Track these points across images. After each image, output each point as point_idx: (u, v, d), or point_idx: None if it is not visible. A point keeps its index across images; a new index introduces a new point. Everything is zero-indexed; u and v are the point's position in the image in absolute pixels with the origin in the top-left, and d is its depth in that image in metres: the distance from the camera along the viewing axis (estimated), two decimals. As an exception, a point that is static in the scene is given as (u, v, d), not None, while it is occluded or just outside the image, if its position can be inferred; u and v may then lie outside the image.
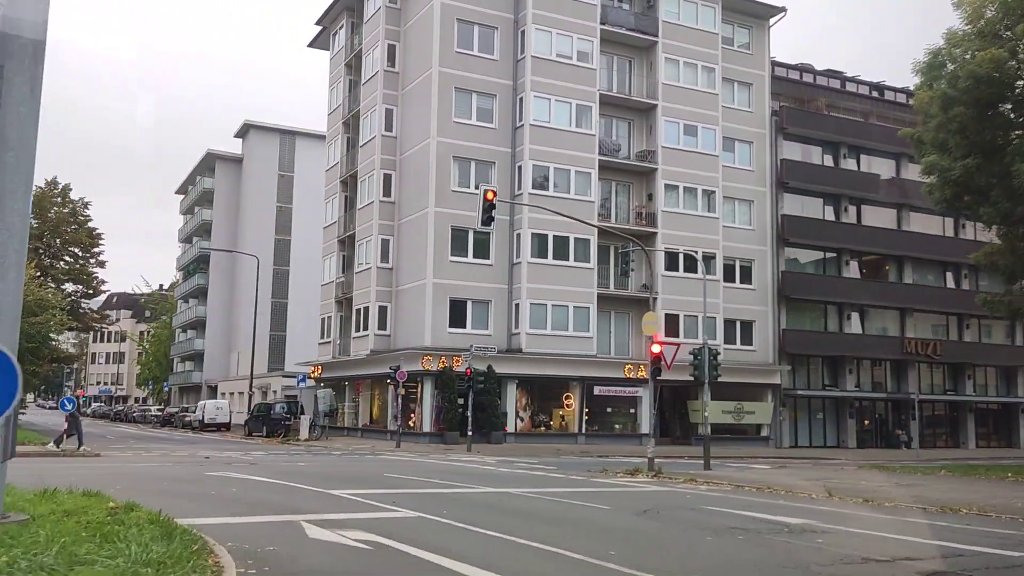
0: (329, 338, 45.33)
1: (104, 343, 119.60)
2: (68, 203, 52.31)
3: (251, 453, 28.70)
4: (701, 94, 42.99)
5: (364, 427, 42.11)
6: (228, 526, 10.51)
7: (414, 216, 38.77)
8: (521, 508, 13.37)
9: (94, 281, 53.93)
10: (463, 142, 38.35)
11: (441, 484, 17.28)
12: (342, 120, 45.90)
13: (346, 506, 12.96)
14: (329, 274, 46.24)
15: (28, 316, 40.34)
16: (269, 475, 18.19)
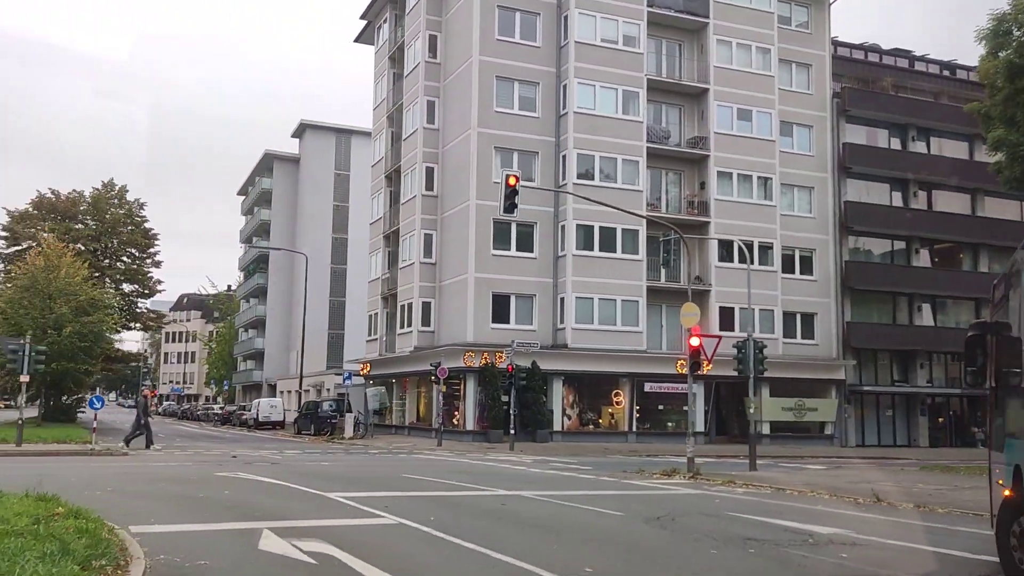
0: (376, 335, 44.88)
1: (175, 343, 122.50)
2: (124, 204, 53.08)
3: (284, 452, 28.23)
4: (756, 76, 41.06)
5: (411, 425, 41.46)
6: (179, 535, 9.72)
7: (456, 210, 37.92)
8: (521, 514, 12.27)
9: (150, 281, 54.66)
10: (505, 132, 37.34)
11: (454, 486, 16.29)
12: (386, 114, 45.36)
13: (330, 511, 12.07)
14: (375, 270, 45.80)
15: (82, 316, 40.96)
16: (280, 476, 17.46)
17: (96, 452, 24.89)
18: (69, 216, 51.58)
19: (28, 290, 41.01)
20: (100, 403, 28.35)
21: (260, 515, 11.30)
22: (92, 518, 9.46)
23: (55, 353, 39.76)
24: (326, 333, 68.89)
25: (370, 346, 46.19)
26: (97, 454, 24.61)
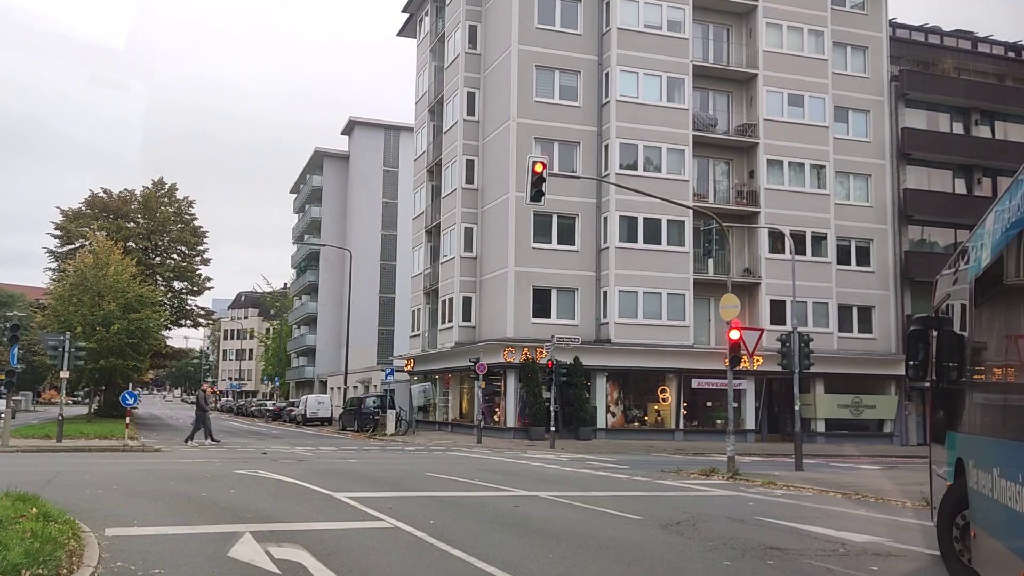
0: (419, 331, 44.47)
1: (233, 340, 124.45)
2: (174, 202, 53.66)
3: (320, 448, 27.90)
4: (808, 60, 39.46)
5: (454, 422, 40.93)
6: (153, 538, 9.18)
7: (496, 202, 37.22)
8: (530, 517, 11.48)
9: (199, 278, 55.18)
10: (545, 122, 36.49)
11: (473, 486, 15.58)
12: (428, 107, 44.87)
13: (328, 513, 11.44)
14: (418, 266, 45.38)
15: (130, 313, 41.38)
16: (299, 474, 16.97)
17: (129, 448, 24.83)
18: (121, 215, 52.32)
19: (78, 287, 41.60)
20: (133, 399, 28.30)
21: (252, 517, 10.74)
22: (64, 520, 8.99)
23: (104, 350, 40.35)
24: (376, 329, 68.97)
25: (413, 342, 45.84)
26: (130, 450, 24.56)
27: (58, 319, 41.16)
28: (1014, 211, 5.83)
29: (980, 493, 6.74)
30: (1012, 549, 5.67)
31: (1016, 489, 5.41)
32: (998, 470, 5.98)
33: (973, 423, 7.30)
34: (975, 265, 7.25)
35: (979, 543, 6.97)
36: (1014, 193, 5.96)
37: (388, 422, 37.93)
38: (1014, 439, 5.63)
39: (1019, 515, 5.35)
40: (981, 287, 6.97)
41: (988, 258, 6.67)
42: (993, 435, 6.34)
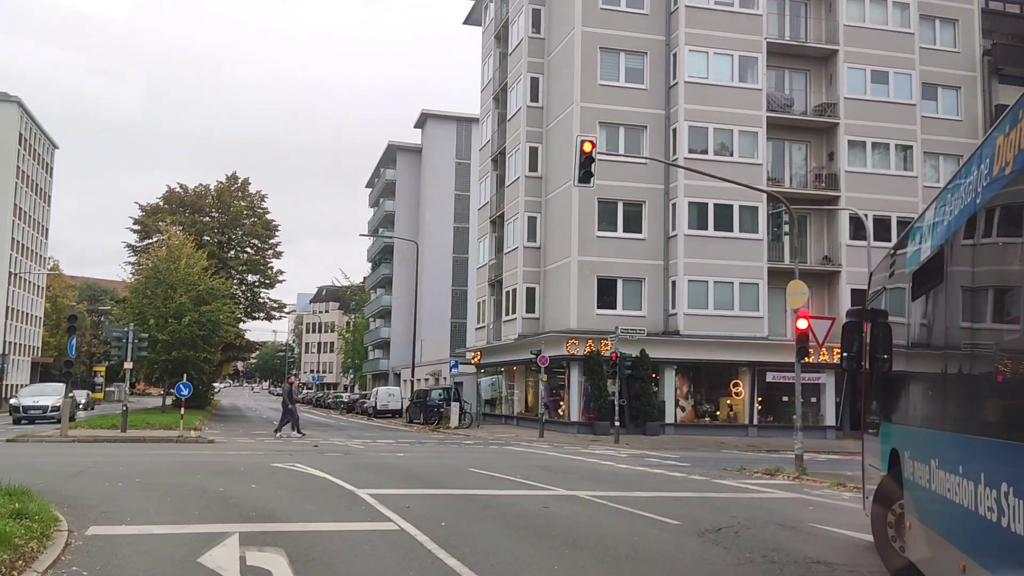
0: (484, 323, 43.78)
1: (314, 333, 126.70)
2: (247, 196, 54.28)
3: (376, 441, 27.43)
4: (892, 35, 37.12)
5: (519, 415, 40.12)
6: (134, 538, 8.60)
7: (559, 190, 36.15)
8: (555, 521, 10.50)
9: (271, 271, 55.74)
10: (610, 106, 35.25)
11: (510, 483, 14.68)
12: (492, 95, 44.09)
13: (336, 513, 10.72)
14: (483, 257, 44.69)
15: (200, 305, 41.88)
16: (335, 469, 16.35)
17: (184, 439, 24.79)
18: (196, 209, 53.22)
19: (152, 281, 42.32)
20: (188, 390, 28.39)
21: (254, 516, 10.08)
22: (42, 518, 8.46)
23: (176, 342, 40.92)
24: (448, 322, 68.74)
25: (479, 334, 45.21)
26: (184, 441, 24.50)
27: (133, 312, 41.95)
28: (955, 205, 5.78)
29: (917, 484, 6.72)
30: (951, 540, 5.59)
31: (956, 481, 5.35)
32: (936, 462, 5.97)
33: (909, 415, 7.32)
34: (913, 259, 7.24)
35: (915, 534, 6.91)
36: (954, 188, 5.89)
37: (452, 415, 37.35)
38: (955, 431, 5.56)
39: (959, 507, 5.28)
40: (919, 281, 6.95)
41: (927, 253, 6.64)
42: (933, 427, 6.25)
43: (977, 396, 5.21)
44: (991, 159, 4.95)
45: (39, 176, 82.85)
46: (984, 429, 4.92)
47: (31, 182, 79.83)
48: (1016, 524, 4.18)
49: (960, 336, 5.57)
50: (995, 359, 4.88)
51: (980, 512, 4.79)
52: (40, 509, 8.87)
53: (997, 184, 4.80)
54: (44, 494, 11.38)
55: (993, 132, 5.00)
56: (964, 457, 5.27)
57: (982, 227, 5.11)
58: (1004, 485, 4.39)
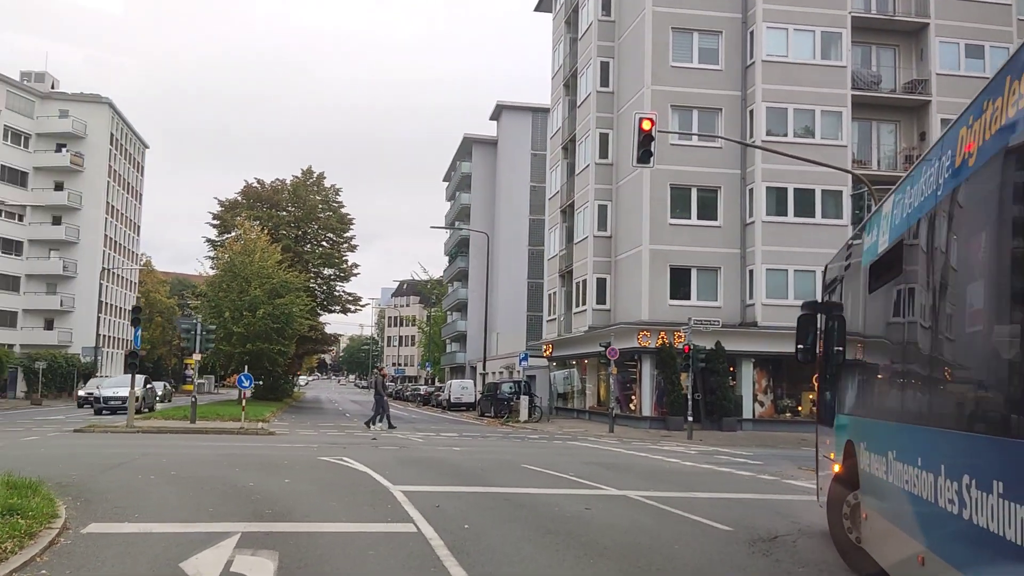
0: (555, 315, 42.86)
1: (396, 327, 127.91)
2: (322, 190, 54.67)
3: (439, 435, 26.89)
4: (987, 6, 34.64)
5: (591, 409, 39.10)
6: (126, 537, 8.09)
7: (630, 177, 34.93)
8: (589, 525, 9.59)
9: (345, 264, 56.04)
10: (683, 88, 33.85)
11: (558, 481, 13.80)
12: (563, 82, 43.07)
13: (358, 511, 10.05)
14: (553, 247, 43.76)
15: (274, 298, 42.24)
16: (380, 463, 15.79)
17: (244, 431, 24.71)
18: (272, 204, 53.85)
19: (227, 274, 42.91)
20: (249, 381, 28.38)
21: (268, 514, 9.50)
22: (34, 515, 8.01)
23: (251, 334, 41.38)
24: (524, 315, 67.96)
25: (549, 326, 44.35)
26: (245, 432, 24.41)
27: (210, 305, 42.61)
28: (915, 197, 5.70)
29: (873, 476, 6.71)
30: (909, 532, 5.56)
31: (915, 473, 5.34)
32: (894, 453, 5.96)
33: (865, 407, 7.32)
34: (870, 251, 7.17)
35: (871, 524, 6.89)
36: (915, 180, 5.78)
37: (521, 409, 36.62)
38: (914, 423, 5.51)
39: (918, 499, 5.26)
40: (876, 273, 6.90)
41: (885, 245, 6.58)
42: (890, 419, 6.21)
43: (936, 389, 5.15)
44: (953, 151, 4.85)
45: (130, 175, 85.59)
46: (944, 421, 4.86)
47: (123, 181, 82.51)
48: (978, 516, 4.13)
49: (918, 329, 5.52)
50: (955, 352, 4.86)
51: (940, 504, 4.73)
52: (40, 505, 8.45)
53: (959, 176, 4.72)
54: (69, 487, 11.15)
55: (956, 124, 4.88)
56: (923, 449, 5.23)
57: (943, 220, 5.04)
58: (966, 477, 4.33)
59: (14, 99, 71.47)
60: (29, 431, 24.30)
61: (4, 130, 70.05)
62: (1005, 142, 4.03)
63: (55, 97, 75.00)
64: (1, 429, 24.90)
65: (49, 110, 73.95)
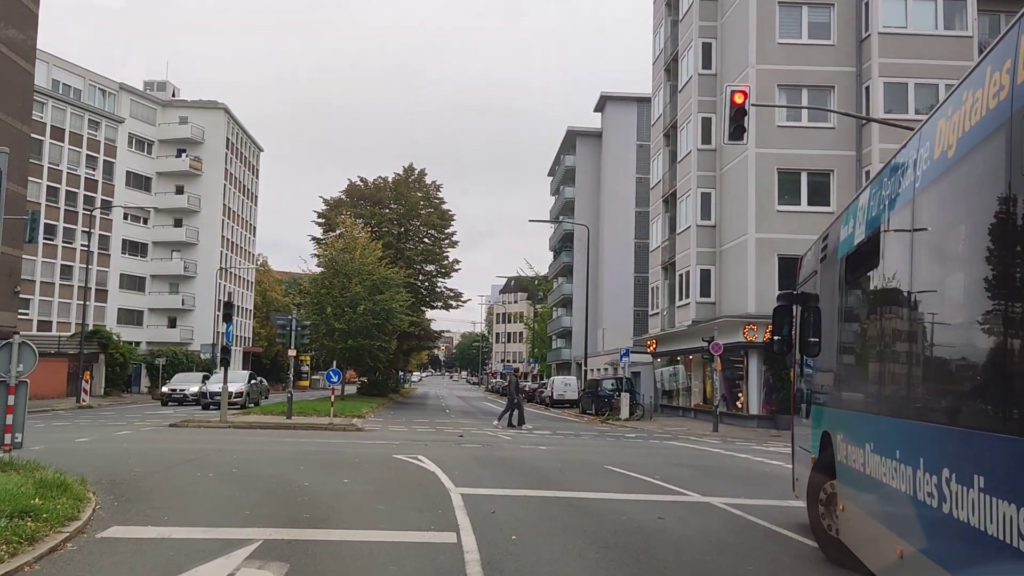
0: (658, 309, 41.31)
1: (504, 324, 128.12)
2: (423, 187, 54.69)
3: (533, 433, 25.98)
4: None
5: (696, 407, 37.41)
6: (140, 543, 7.53)
7: (734, 162, 33.12)
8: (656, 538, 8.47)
9: (447, 260, 55.90)
10: (791, 67, 31.81)
11: (640, 485, 12.67)
12: (664, 67, 41.43)
13: (403, 518, 9.22)
14: (656, 238, 42.19)
15: (375, 294, 42.35)
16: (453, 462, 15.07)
17: (332, 427, 24.50)
18: (375, 201, 54.22)
19: (330, 271, 43.31)
20: (337, 377, 28.21)
21: (304, 519, 8.83)
22: (47, 517, 7.55)
23: (352, 330, 41.58)
24: (631, 310, 66.37)
25: (653, 321, 42.81)
26: (332, 428, 24.19)
27: (312, 301, 43.10)
28: (893, 189, 5.71)
29: (850, 468, 6.68)
30: (887, 525, 5.52)
31: (893, 466, 5.26)
32: (871, 446, 5.93)
33: (842, 399, 7.26)
34: (846, 243, 7.17)
35: (848, 516, 6.86)
36: (892, 171, 5.79)
37: (622, 406, 35.32)
38: (892, 416, 5.45)
39: (896, 492, 5.17)
40: (852, 264, 6.93)
41: (862, 237, 6.58)
42: (868, 411, 6.17)
43: (914, 381, 5.08)
44: (932, 143, 4.81)
45: (246, 177, 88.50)
46: (922, 414, 4.82)
47: (238, 183, 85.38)
48: (958, 510, 4.09)
49: (895, 321, 5.49)
50: (932, 344, 4.80)
51: (919, 498, 4.70)
52: (61, 507, 8.02)
53: (938, 168, 4.69)
54: (119, 484, 10.86)
55: (935, 115, 4.86)
56: (901, 442, 5.17)
57: (921, 211, 5.02)
58: (946, 471, 4.30)
59: (138, 108, 74.90)
60: (130, 424, 24.80)
61: (129, 137, 73.46)
62: (985, 133, 3.99)
63: (175, 104, 78.19)
64: (106, 423, 25.56)
65: (170, 117, 77.16)
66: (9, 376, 10.18)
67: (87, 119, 69.12)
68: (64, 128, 66.87)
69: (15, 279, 40.69)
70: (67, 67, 69.26)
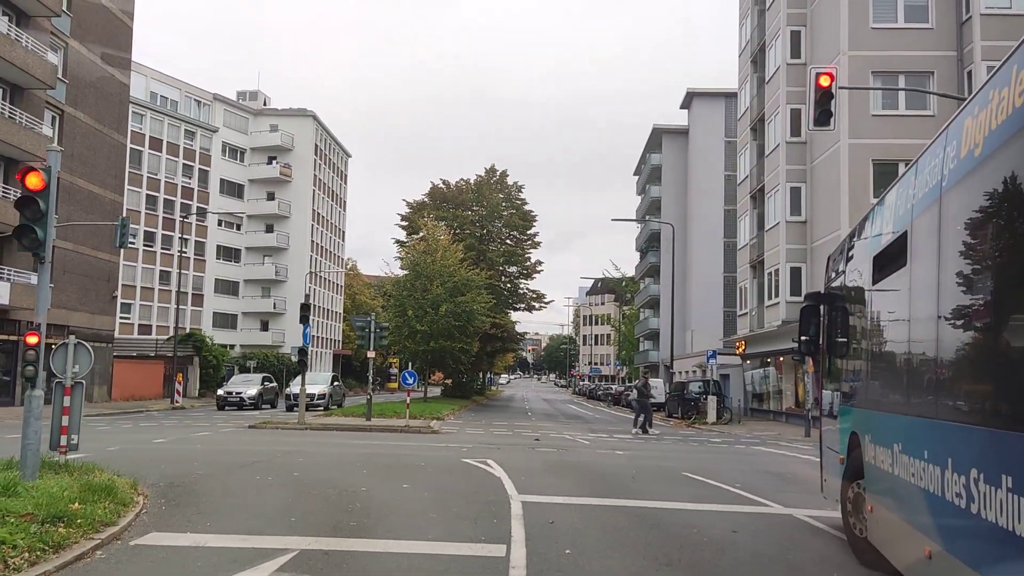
0: (746, 309, 39.85)
1: (591, 325, 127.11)
2: (504, 188, 54.36)
3: (611, 436, 25.27)
4: None
5: (788, 411, 35.88)
6: (166, 551, 7.20)
7: (826, 155, 31.59)
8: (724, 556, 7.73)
9: (528, 262, 55.40)
10: (885, 52, 30.13)
11: (717, 495, 11.87)
12: (750, 58, 39.98)
13: (453, 529, 8.72)
14: (743, 236, 40.73)
15: (456, 296, 42.24)
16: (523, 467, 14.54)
17: (409, 428, 24.26)
18: (457, 204, 54.20)
19: (411, 273, 43.42)
20: (413, 378, 27.98)
21: (350, 528, 8.45)
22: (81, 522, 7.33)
23: (434, 332, 41.54)
24: (720, 311, 64.60)
25: (742, 321, 41.32)
26: (409, 430, 23.94)
27: (394, 304, 43.28)
28: (919, 188, 5.68)
29: (878, 468, 6.62)
30: (915, 525, 5.46)
31: (921, 466, 5.24)
32: (900, 446, 5.87)
33: (871, 399, 7.15)
34: (874, 243, 7.14)
35: (877, 517, 6.77)
36: (919, 170, 5.79)
37: (709, 409, 34.13)
38: (920, 416, 5.41)
39: (924, 492, 5.15)
40: (880, 264, 6.86)
41: (889, 236, 6.55)
42: (896, 412, 6.08)
43: (943, 381, 5.01)
44: (959, 141, 4.82)
45: (334, 183, 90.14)
46: (951, 414, 4.78)
47: (327, 189, 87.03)
48: (987, 511, 4.05)
49: (923, 321, 5.42)
50: (960, 344, 4.74)
51: (948, 498, 4.66)
52: (100, 511, 7.81)
53: (965, 166, 4.68)
54: (174, 487, 10.71)
55: (960, 114, 4.88)
56: (930, 442, 5.16)
57: (948, 210, 4.99)
58: (974, 471, 4.26)
59: (231, 117, 77.16)
60: (213, 425, 25.13)
61: (223, 146, 75.74)
62: (1011, 132, 4.00)
63: (266, 113, 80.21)
64: (191, 423, 25.99)
65: (261, 125, 79.23)
66: (65, 377, 10.10)
67: (183, 129, 71.55)
68: (162, 138, 69.39)
69: (112, 284, 42.17)
70: (164, 79, 71.87)
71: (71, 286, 37.15)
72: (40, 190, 9.05)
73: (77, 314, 37.39)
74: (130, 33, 42.97)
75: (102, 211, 38.92)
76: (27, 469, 9.05)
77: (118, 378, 42.21)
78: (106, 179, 40.45)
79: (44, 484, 8.50)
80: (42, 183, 9.03)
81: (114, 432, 21.65)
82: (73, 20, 37.42)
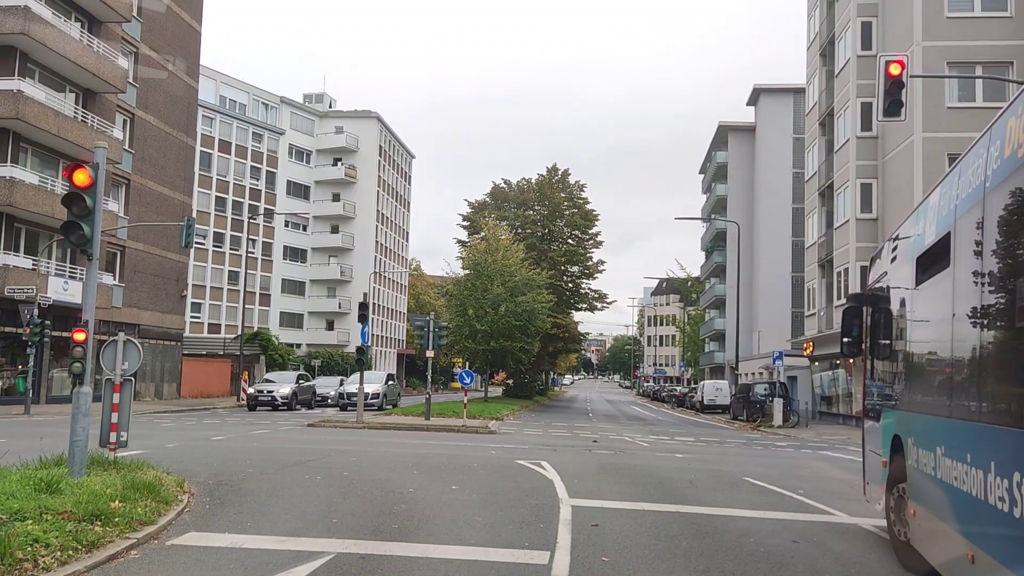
0: (815, 309, 38.69)
1: (656, 326, 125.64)
2: (566, 187, 53.94)
3: (672, 439, 24.66)
4: None
5: (857, 414, 34.56)
6: (200, 551, 7.07)
7: (898, 149, 30.43)
8: (781, 569, 7.27)
9: (590, 261, 54.85)
10: (962, 42, 28.88)
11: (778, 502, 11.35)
12: (819, 51, 38.78)
13: (494, 533, 8.43)
14: (812, 234, 39.55)
15: (516, 296, 42.05)
16: (576, 470, 14.20)
17: (466, 428, 24.10)
18: (519, 203, 53.97)
19: (472, 273, 43.38)
20: (470, 378, 27.79)
21: (392, 530, 8.22)
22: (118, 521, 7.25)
23: (494, 331, 41.42)
24: (788, 311, 63.09)
25: (810, 322, 40.14)
26: (465, 430, 23.79)
27: (456, 303, 43.28)
28: (963, 189, 5.60)
29: (922, 472, 6.60)
30: (958, 529, 5.43)
31: (964, 469, 5.22)
32: (943, 449, 5.84)
33: (914, 402, 7.11)
34: (917, 243, 7.09)
35: (919, 522, 6.73)
36: (962, 171, 5.71)
37: (775, 412, 33.19)
38: (963, 419, 5.36)
39: (967, 496, 5.13)
40: (923, 265, 6.83)
41: (932, 237, 6.50)
42: (939, 415, 6.02)
43: (987, 384, 4.97)
44: (1002, 142, 4.77)
45: (398, 184, 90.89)
46: (994, 417, 4.72)
47: (391, 190, 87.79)
48: None
49: (967, 323, 5.30)
50: (1004, 347, 4.70)
51: (990, 502, 4.62)
52: (139, 510, 7.73)
53: (1009, 167, 4.65)
54: (221, 485, 10.70)
55: (1004, 113, 4.83)
56: (972, 445, 5.12)
57: (992, 211, 4.90)
58: (1017, 475, 4.22)
59: (297, 119, 78.40)
60: (273, 423, 25.35)
61: (289, 148, 77.01)
62: None
63: (331, 115, 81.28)
64: (253, 421, 26.32)
65: (326, 127, 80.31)
66: (114, 374, 10.14)
67: (251, 132, 72.93)
68: (231, 141, 70.84)
69: (182, 284, 43.10)
70: (233, 83, 73.36)
71: (142, 286, 38.07)
72: (87, 186, 9.07)
73: (147, 313, 38.29)
74: (198, 38, 43.87)
75: (171, 212, 39.80)
76: (74, 466, 9.08)
77: (187, 376, 43.13)
78: (175, 181, 41.36)
79: (89, 482, 8.49)
80: (89, 179, 9.05)
81: (177, 429, 21.99)
82: (143, 26, 38.36)
